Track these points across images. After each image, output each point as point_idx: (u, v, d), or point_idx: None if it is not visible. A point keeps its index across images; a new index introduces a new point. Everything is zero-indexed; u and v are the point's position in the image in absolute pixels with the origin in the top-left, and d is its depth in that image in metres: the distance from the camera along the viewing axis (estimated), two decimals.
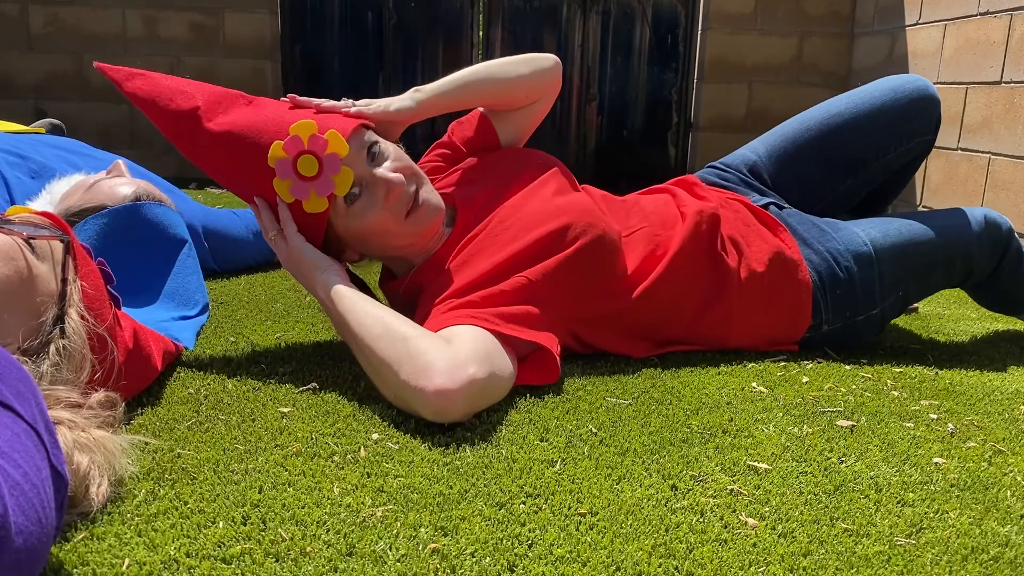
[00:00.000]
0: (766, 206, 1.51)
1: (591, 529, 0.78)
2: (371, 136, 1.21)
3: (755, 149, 1.62)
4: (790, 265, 1.40)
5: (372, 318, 1.09)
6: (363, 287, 1.27)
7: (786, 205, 1.53)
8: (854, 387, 1.24)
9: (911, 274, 1.43)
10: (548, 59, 1.43)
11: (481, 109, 1.45)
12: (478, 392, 1.02)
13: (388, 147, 1.22)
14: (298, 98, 1.23)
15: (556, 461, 0.93)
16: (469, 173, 1.41)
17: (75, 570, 0.69)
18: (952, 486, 0.91)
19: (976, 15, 2.98)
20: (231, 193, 1.80)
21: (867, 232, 1.43)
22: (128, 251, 1.40)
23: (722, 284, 1.36)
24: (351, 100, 1.26)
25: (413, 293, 1.30)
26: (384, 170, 1.19)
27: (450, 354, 1.03)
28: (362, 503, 0.82)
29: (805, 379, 1.26)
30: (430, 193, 1.25)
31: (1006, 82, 2.81)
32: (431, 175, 1.43)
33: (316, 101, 1.23)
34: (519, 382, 1.15)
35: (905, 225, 1.44)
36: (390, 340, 1.06)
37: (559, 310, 1.24)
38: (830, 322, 1.41)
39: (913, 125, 1.53)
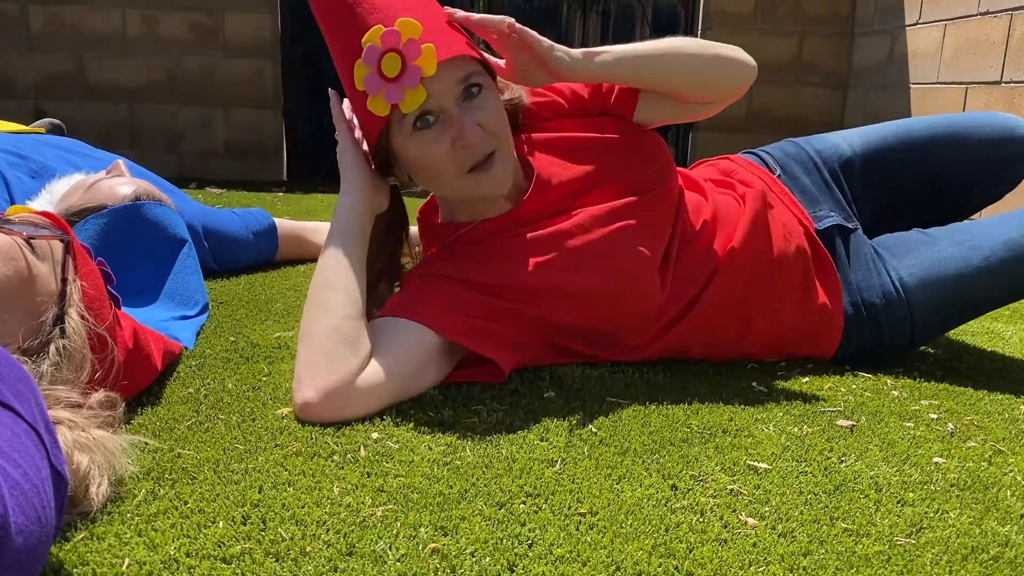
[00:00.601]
0: (830, 230, 1.36)
1: (591, 529, 0.78)
2: (479, 76, 1.09)
3: (851, 142, 1.46)
4: (827, 317, 1.32)
5: (329, 291, 1.09)
6: (399, 216, 1.26)
7: (852, 224, 1.38)
8: (854, 387, 1.24)
9: (952, 312, 1.33)
10: (750, 65, 1.26)
11: None
12: (338, 415, 1.02)
13: (489, 99, 1.10)
14: (461, 17, 1.12)
15: (556, 461, 0.93)
16: (576, 142, 1.26)
17: (75, 570, 0.69)
18: (952, 486, 0.91)
19: (976, 15, 2.98)
20: (231, 194, 1.79)
21: (905, 277, 1.30)
22: (128, 251, 1.40)
23: (748, 331, 1.30)
24: (513, 21, 1.13)
25: (443, 245, 1.24)
26: (468, 118, 1.08)
27: (341, 380, 1.02)
28: (362, 503, 0.82)
29: (805, 379, 1.26)
30: (504, 166, 1.13)
31: (1006, 82, 2.81)
32: (546, 110, 1.30)
33: (476, 18, 1.12)
34: (464, 379, 1.17)
35: (962, 259, 1.28)
36: (322, 322, 1.07)
37: (544, 341, 1.22)
38: (851, 356, 1.36)
39: (1011, 172, 1.42)
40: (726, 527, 0.80)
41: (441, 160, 1.09)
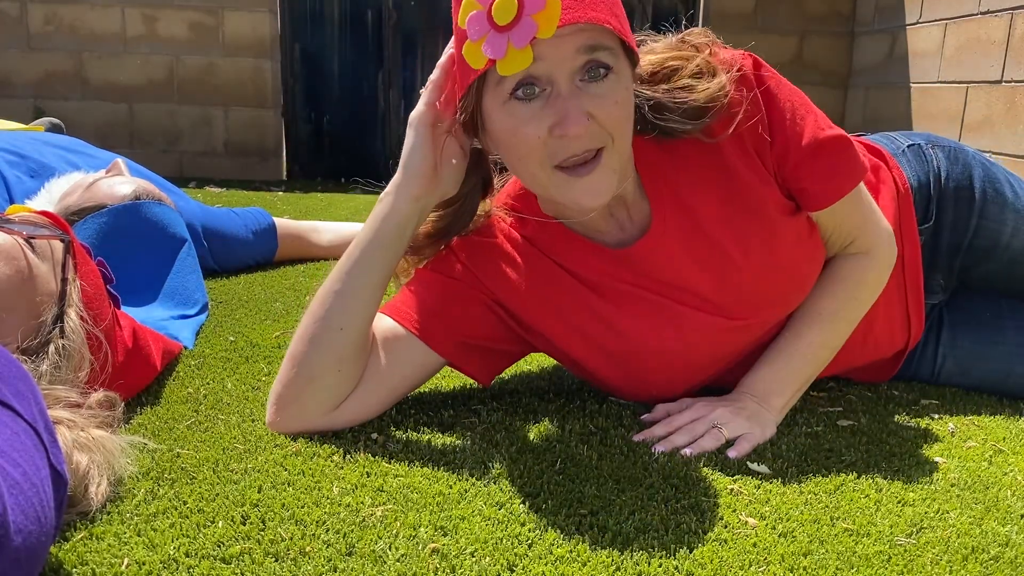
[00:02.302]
0: (931, 310, 1.23)
1: (592, 529, 0.78)
2: (609, 55, 0.85)
3: (1018, 228, 1.18)
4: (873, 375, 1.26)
5: (326, 325, 0.95)
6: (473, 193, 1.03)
7: (945, 297, 1.24)
8: (854, 387, 1.24)
9: (975, 387, 1.25)
10: (884, 278, 1.08)
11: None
12: (301, 430, 0.98)
13: (616, 88, 0.86)
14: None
15: (556, 461, 0.93)
16: (726, 201, 0.99)
17: (74, 569, 0.69)
18: (952, 486, 0.91)
19: (977, 14, 2.98)
20: (231, 193, 1.78)
21: (948, 363, 1.23)
22: (127, 250, 1.40)
23: None
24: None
25: (512, 207, 1.06)
26: (576, 102, 0.84)
27: (305, 428, 0.97)
28: (362, 503, 0.81)
29: None
30: (608, 175, 0.88)
31: (1007, 81, 2.81)
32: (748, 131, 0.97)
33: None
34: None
35: (1017, 357, 1.20)
36: (312, 362, 0.95)
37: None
38: None
39: None
40: (726, 527, 0.80)
41: (532, 144, 0.87)
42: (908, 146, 1.22)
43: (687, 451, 0.96)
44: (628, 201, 1.00)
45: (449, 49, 0.92)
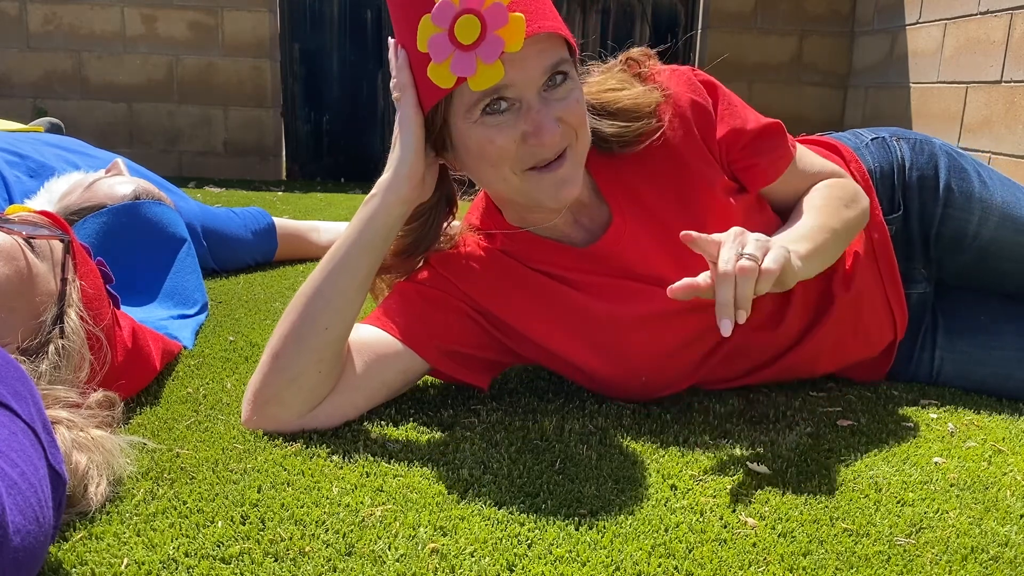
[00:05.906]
0: (908, 297, 1.22)
1: (591, 529, 0.78)
2: (566, 64, 0.92)
3: (986, 218, 1.18)
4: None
5: (310, 324, 0.95)
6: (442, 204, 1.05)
7: (930, 288, 1.24)
8: (854, 387, 1.24)
9: (974, 388, 1.24)
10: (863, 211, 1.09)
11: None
12: (279, 428, 0.98)
13: (573, 89, 0.93)
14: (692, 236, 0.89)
15: (555, 461, 0.93)
16: (682, 197, 1.05)
17: (73, 569, 0.69)
18: (952, 486, 0.91)
19: (976, 14, 2.98)
20: (230, 193, 1.78)
21: (946, 366, 1.23)
22: (127, 250, 1.40)
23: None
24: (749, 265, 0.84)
25: (481, 225, 1.09)
26: (547, 112, 0.90)
27: (278, 427, 0.97)
28: (361, 503, 0.81)
29: (805, 379, 1.26)
30: (575, 168, 0.95)
31: (1006, 81, 2.81)
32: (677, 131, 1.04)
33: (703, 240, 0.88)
34: (445, 378, 1.11)
35: (1015, 362, 1.20)
36: (291, 359, 0.95)
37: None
38: None
39: None
40: (726, 527, 0.80)
41: (504, 153, 0.91)
42: (872, 139, 1.26)
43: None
44: (586, 203, 1.05)
45: (399, 49, 0.94)
